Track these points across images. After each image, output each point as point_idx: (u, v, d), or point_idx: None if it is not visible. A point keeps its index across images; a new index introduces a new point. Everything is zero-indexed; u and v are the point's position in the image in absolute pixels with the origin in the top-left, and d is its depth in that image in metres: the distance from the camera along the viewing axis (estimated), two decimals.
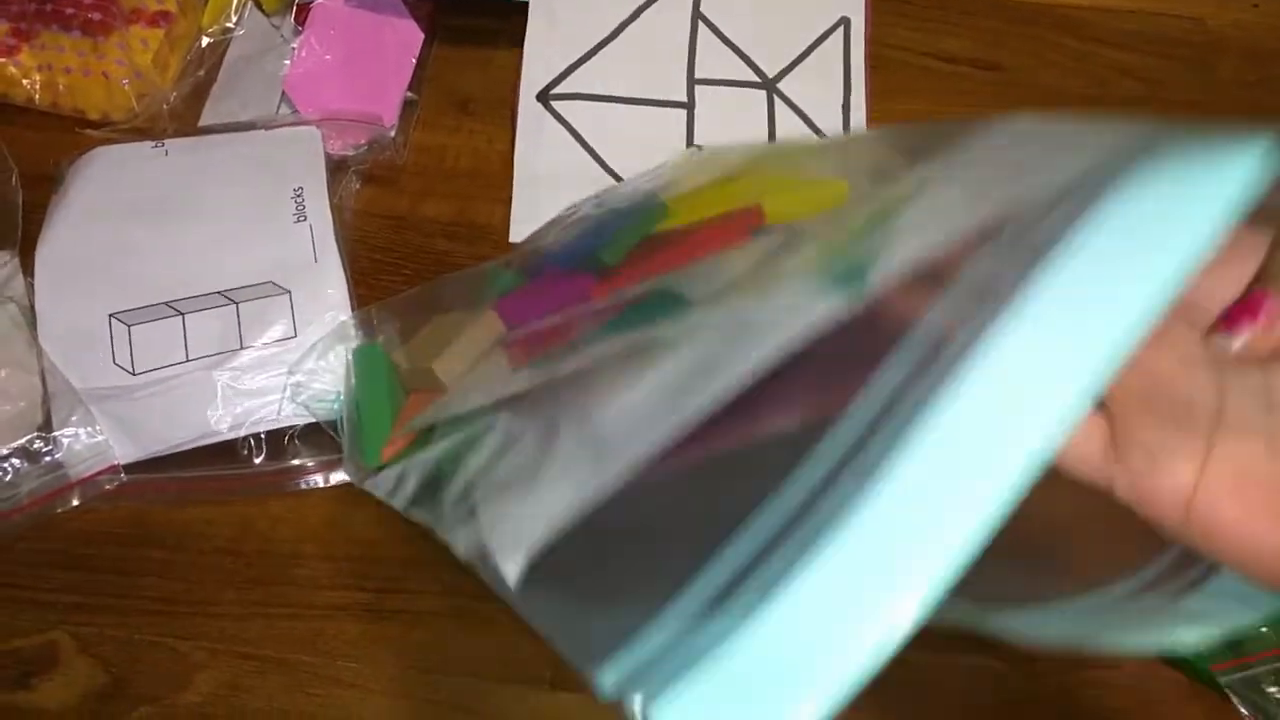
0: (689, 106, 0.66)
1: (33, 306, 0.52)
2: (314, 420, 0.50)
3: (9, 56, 0.61)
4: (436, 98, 0.66)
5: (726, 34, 0.68)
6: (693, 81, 0.66)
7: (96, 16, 0.61)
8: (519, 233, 0.61)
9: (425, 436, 0.44)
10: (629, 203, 0.57)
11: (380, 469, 0.46)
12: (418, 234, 0.60)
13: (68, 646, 0.46)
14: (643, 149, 0.64)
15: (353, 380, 0.49)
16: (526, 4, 0.66)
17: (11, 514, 0.48)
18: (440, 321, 0.51)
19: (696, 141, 0.65)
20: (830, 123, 0.66)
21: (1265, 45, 0.69)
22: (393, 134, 0.62)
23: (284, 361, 0.51)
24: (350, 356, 0.50)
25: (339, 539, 0.49)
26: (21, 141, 0.60)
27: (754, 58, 0.67)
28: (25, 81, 0.61)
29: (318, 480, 0.50)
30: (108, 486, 0.49)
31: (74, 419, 0.49)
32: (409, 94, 0.64)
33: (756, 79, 0.67)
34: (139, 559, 0.49)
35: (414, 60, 0.65)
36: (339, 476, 0.50)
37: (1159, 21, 0.71)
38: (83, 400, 0.49)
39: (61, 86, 0.62)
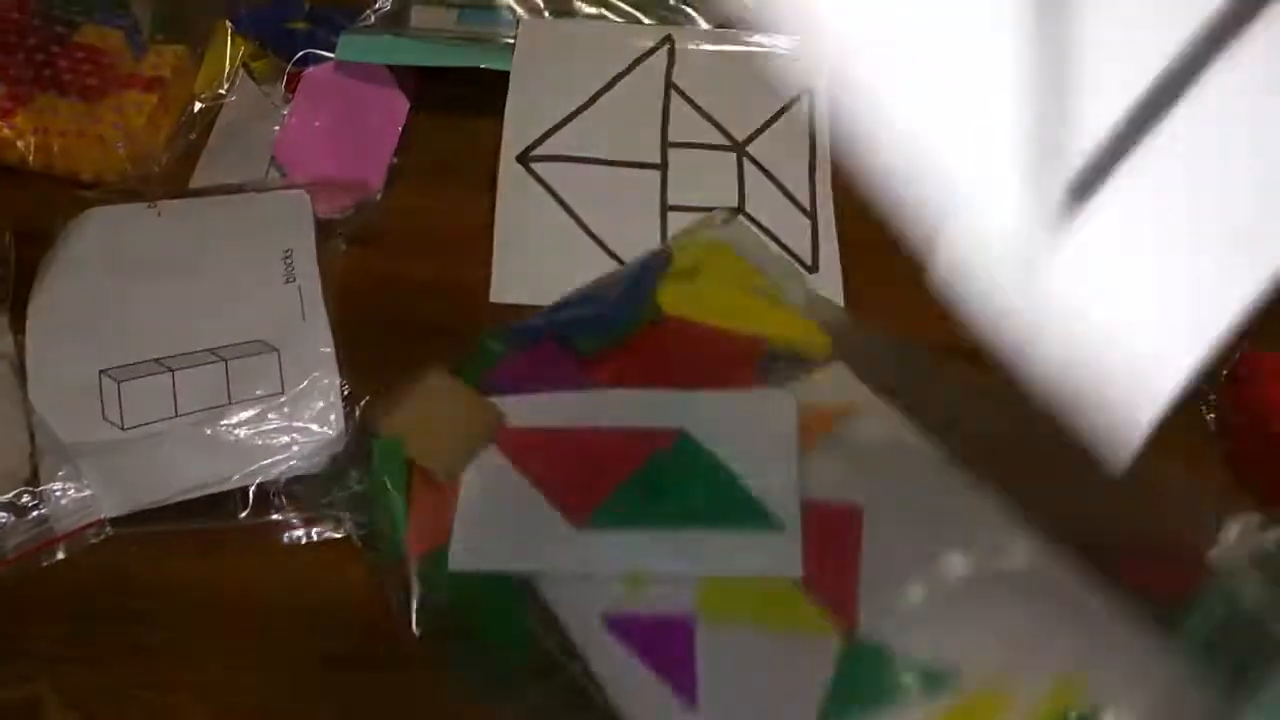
0: (662, 168, 0.67)
1: (23, 364, 0.52)
2: (299, 475, 0.50)
3: (4, 119, 0.62)
4: (420, 162, 0.67)
5: (697, 101, 0.69)
6: (666, 144, 0.68)
7: (93, 81, 0.62)
8: (500, 291, 0.61)
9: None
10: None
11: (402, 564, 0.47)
12: (403, 294, 0.60)
13: (50, 700, 0.45)
14: (619, 208, 0.65)
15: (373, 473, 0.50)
16: (508, 73, 0.68)
17: None
18: (423, 396, 0.51)
19: (671, 202, 0.66)
20: (798, 185, 0.67)
21: None
22: (378, 198, 0.63)
23: (270, 418, 0.51)
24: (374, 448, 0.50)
25: (327, 591, 0.49)
26: (14, 201, 0.60)
27: (723, 123, 0.69)
28: (19, 143, 0.62)
29: (301, 535, 0.50)
30: (93, 540, 0.49)
31: (61, 474, 0.49)
32: (394, 159, 0.65)
33: (727, 142, 0.68)
34: (125, 610, 0.48)
35: (399, 127, 0.66)
36: (322, 531, 0.50)
37: None
38: (70, 455, 0.49)
39: (56, 148, 0.62)
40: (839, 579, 0.48)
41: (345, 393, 0.53)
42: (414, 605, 0.47)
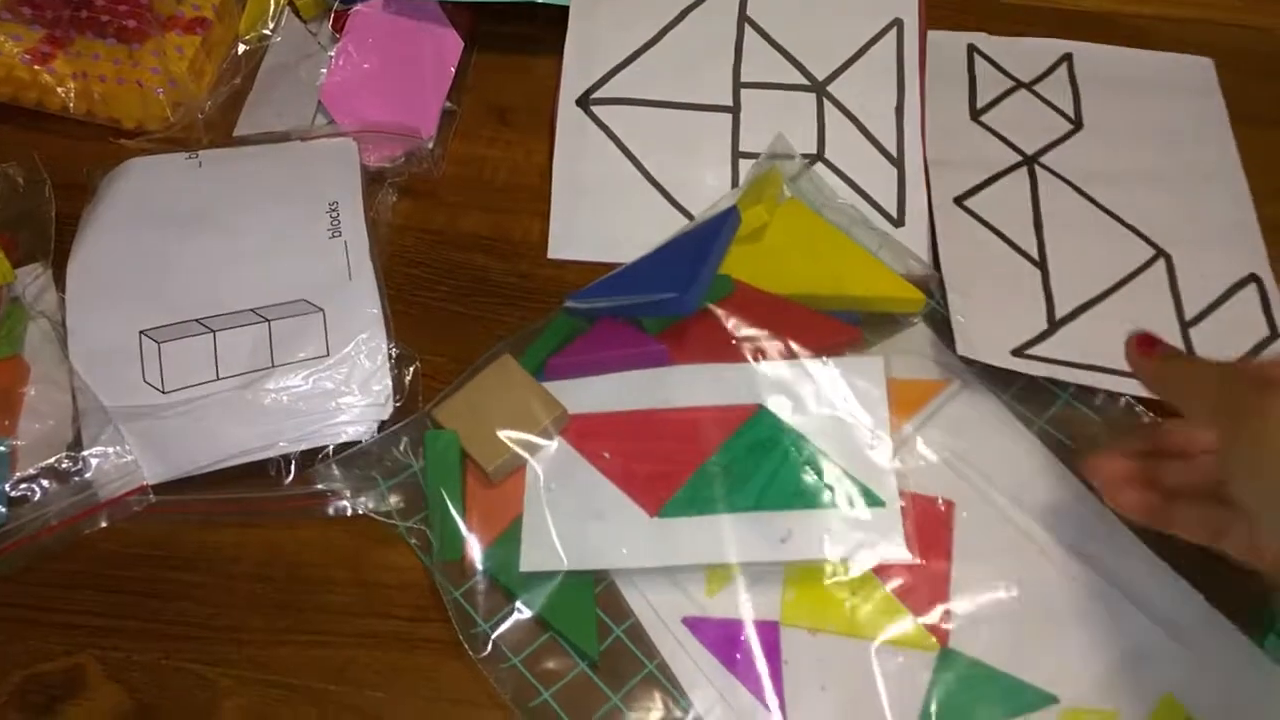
0: (734, 111, 0.64)
1: (64, 321, 0.52)
2: (346, 445, 0.49)
3: (43, 64, 0.62)
4: (475, 107, 0.65)
5: (774, 36, 0.66)
6: (739, 85, 0.65)
7: (131, 23, 0.61)
8: (558, 246, 0.60)
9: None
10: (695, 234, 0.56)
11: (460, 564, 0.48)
12: (455, 249, 0.59)
13: (95, 671, 0.46)
14: (686, 155, 0.63)
15: (427, 466, 0.50)
16: (567, 8, 0.66)
17: (40, 535, 0.48)
18: (483, 384, 0.51)
19: (742, 148, 0.63)
20: (884, 127, 0.64)
21: None
22: (430, 146, 0.62)
23: (315, 382, 0.50)
24: (425, 441, 0.50)
25: (368, 566, 0.49)
26: (55, 150, 0.61)
27: (803, 60, 0.65)
28: (60, 90, 0.62)
29: (347, 506, 0.49)
30: (136, 508, 0.49)
31: (103, 438, 0.49)
32: (447, 104, 0.64)
33: (805, 82, 0.65)
34: (167, 582, 0.48)
35: (452, 69, 0.64)
36: (368, 503, 0.49)
37: (1226, 32, 0.68)
38: (112, 419, 0.49)
39: (96, 95, 0.62)
40: (931, 581, 0.47)
41: (394, 356, 0.52)
42: (478, 610, 0.47)
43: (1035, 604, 0.47)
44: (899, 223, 0.61)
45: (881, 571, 0.47)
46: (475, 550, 0.48)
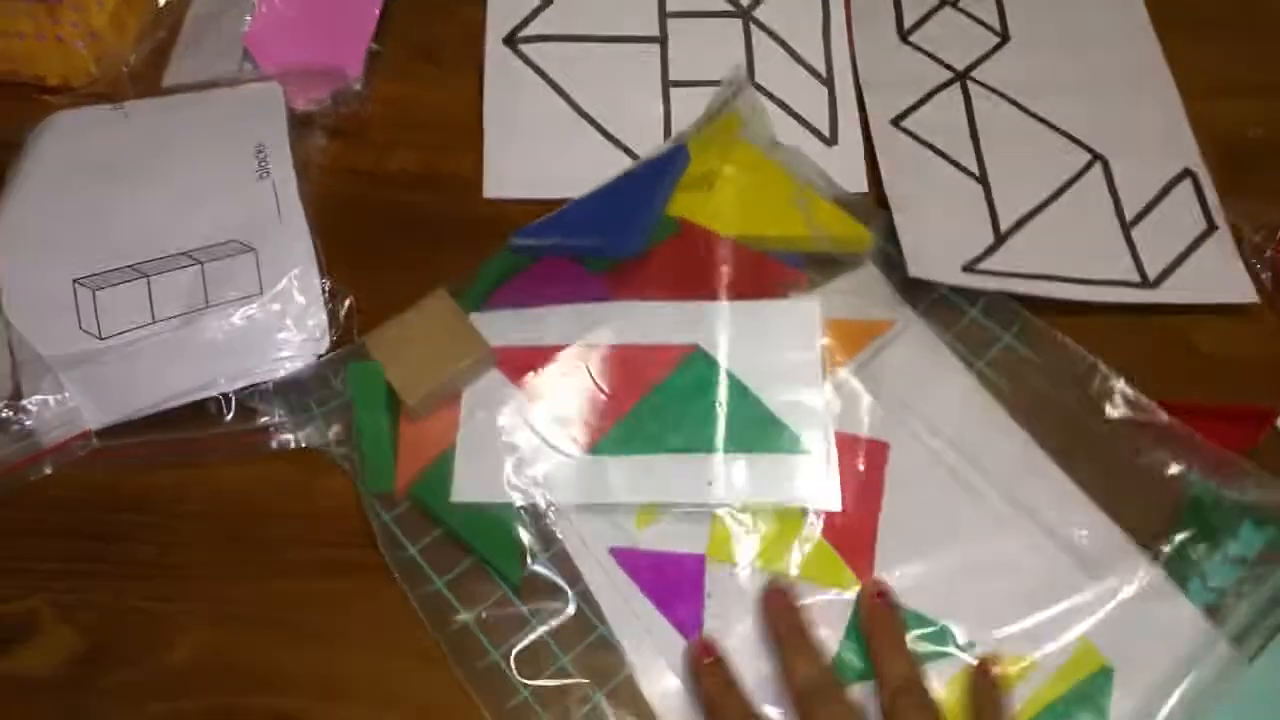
0: (662, 41, 0.66)
1: None
2: (283, 379, 0.51)
3: None
4: (401, 47, 0.66)
5: None
6: (665, 15, 0.66)
7: None
8: (494, 185, 0.61)
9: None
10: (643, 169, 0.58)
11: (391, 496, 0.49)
12: (387, 187, 0.60)
13: (47, 614, 0.47)
14: (617, 87, 0.64)
15: (353, 398, 0.51)
16: None
17: None
18: (412, 319, 0.52)
19: (673, 77, 0.65)
20: (811, 49, 0.65)
21: None
22: (357, 86, 0.63)
23: (250, 319, 0.51)
24: (348, 373, 0.51)
25: (315, 496, 0.50)
26: None
27: None
28: None
29: (290, 440, 0.51)
30: (80, 453, 0.50)
31: (43, 386, 0.50)
32: (373, 45, 0.65)
33: (731, 8, 0.67)
34: (115, 524, 0.50)
35: (376, 11, 0.65)
36: (310, 435, 0.51)
37: None
38: (51, 367, 0.50)
39: (18, 53, 0.62)
40: (858, 523, 0.49)
41: (328, 291, 0.53)
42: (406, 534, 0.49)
43: (963, 549, 0.48)
44: (832, 141, 0.63)
45: (809, 512, 0.48)
46: (404, 478, 0.49)
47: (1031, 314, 0.55)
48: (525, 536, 0.48)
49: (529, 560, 0.48)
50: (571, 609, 0.47)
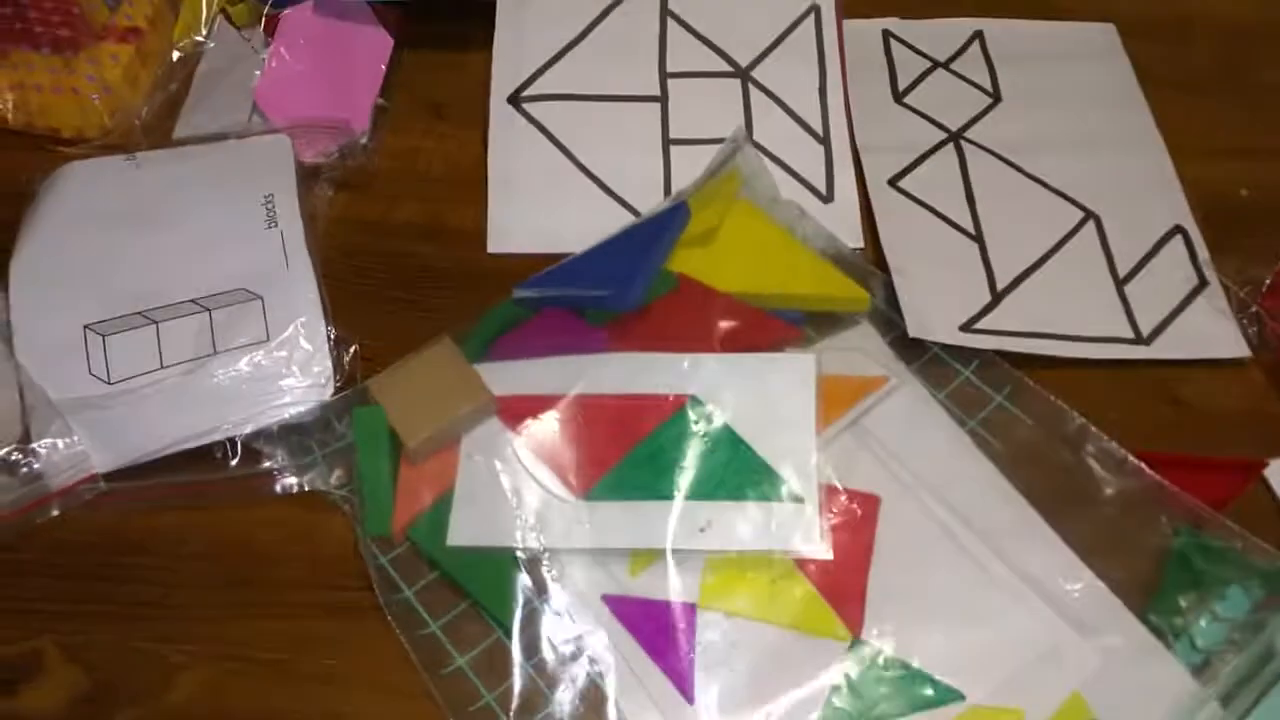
0: (663, 100, 0.68)
1: (9, 321, 0.55)
2: (287, 423, 0.53)
3: None
4: (408, 103, 0.69)
5: (696, 27, 0.71)
6: (665, 75, 0.69)
7: (65, 33, 0.65)
8: (497, 240, 0.63)
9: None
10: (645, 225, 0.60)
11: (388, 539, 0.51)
12: (392, 238, 0.63)
13: (52, 654, 0.49)
14: (618, 146, 0.67)
15: (356, 441, 0.53)
16: (494, 5, 0.70)
17: None
18: (416, 365, 0.54)
19: (673, 135, 0.67)
20: (808, 108, 0.68)
21: None
22: (364, 140, 0.65)
23: (256, 366, 0.53)
24: (353, 415, 0.53)
25: (318, 539, 0.52)
26: None
27: (725, 48, 0.70)
28: None
29: (293, 483, 0.53)
30: (87, 496, 0.52)
31: (52, 430, 0.52)
32: (380, 100, 0.67)
33: (729, 69, 0.70)
34: (120, 566, 0.51)
35: (383, 67, 0.68)
36: (313, 479, 0.52)
37: None
38: (60, 411, 0.52)
39: (34, 105, 0.65)
40: (849, 574, 0.50)
41: (333, 338, 0.55)
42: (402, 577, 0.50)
43: (952, 601, 0.50)
44: (828, 199, 0.66)
45: (801, 562, 0.50)
46: (402, 521, 0.51)
47: (1024, 370, 0.57)
48: (520, 581, 0.50)
49: (523, 605, 0.49)
50: (564, 654, 0.48)
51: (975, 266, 0.62)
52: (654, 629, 0.49)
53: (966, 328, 0.58)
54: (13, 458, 0.52)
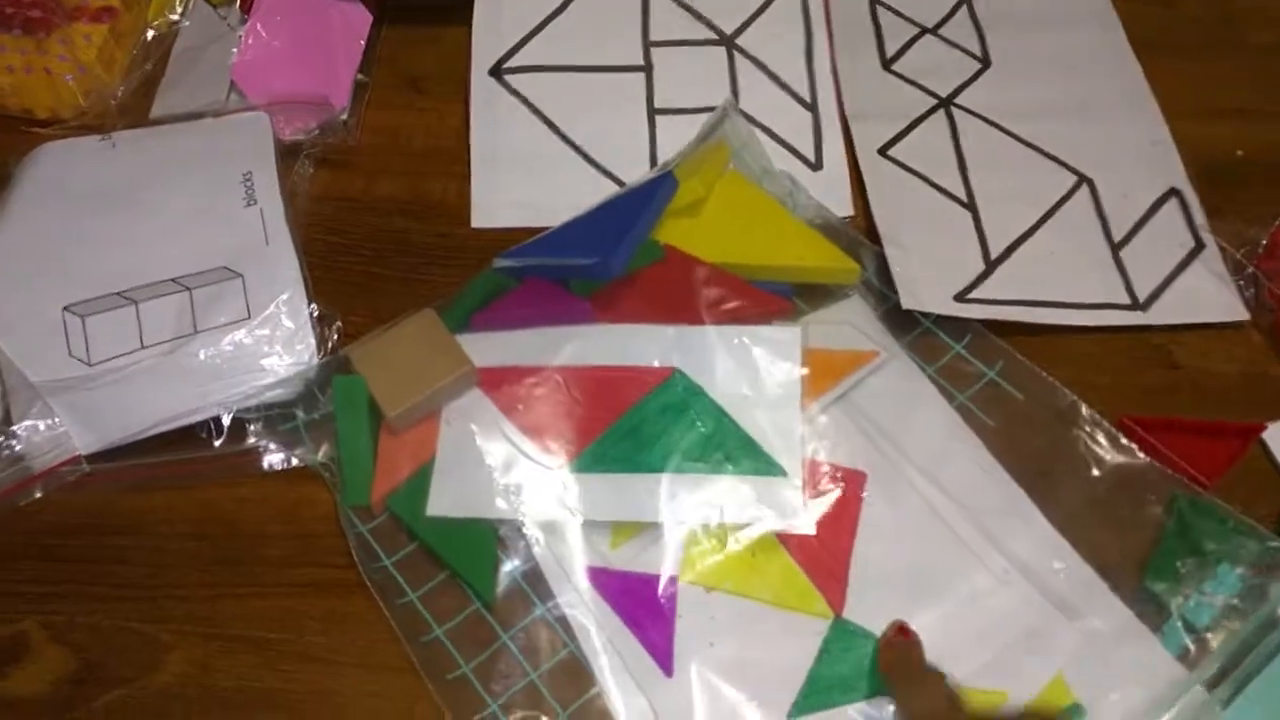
0: (647, 70, 0.69)
1: None
2: (272, 402, 0.53)
3: None
4: (387, 78, 0.70)
5: None
6: (649, 44, 0.70)
7: (36, 14, 0.66)
8: (481, 215, 0.64)
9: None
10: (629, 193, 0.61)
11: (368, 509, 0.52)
12: (374, 214, 0.64)
13: (38, 636, 0.50)
14: (602, 116, 0.67)
15: (335, 410, 0.54)
16: None
17: None
18: (397, 335, 0.54)
19: (658, 105, 0.68)
20: (795, 74, 0.69)
21: None
22: (344, 116, 0.66)
23: (239, 344, 0.54)
24: (333, 385, 0.54)
25: (304, 517, 0.53)
26: None
27: (709, 16, 0.71)
28: None
29: (279, 461, 0.53)
30: (70, 478, 0.53)
31: (33, 412, 0.53)
32: (359, 76, 0.68)
33: (714, 36, 0.70)
34: (105, 547, 0.52)
35: (362, 42, 0.69)
36: (299, 455, 0.53)
37: None
38: (40, 394, 0.53)
39: (6, 86, 0.66)
40: (832, 551, 0.51)
41: (315, 315, 0.56)
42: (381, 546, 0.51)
43: (935, 580, 0.50)
44: (817, 166, 0.66)
45: (784, 538, 0.51)
46: (381, 491, 0.52)
47: (1017, 336, 0.57)
48: (499, 552, 0.51)
49: (502, 576, 0.50)
50: (543, 626, 0.49)
51: (968, 235, 0.62)
52: (634, 602, 0.50)
53: (960, 297, 0.59)
54: None
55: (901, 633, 0.48)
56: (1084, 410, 0.54)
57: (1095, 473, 0.53)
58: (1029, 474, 0.53)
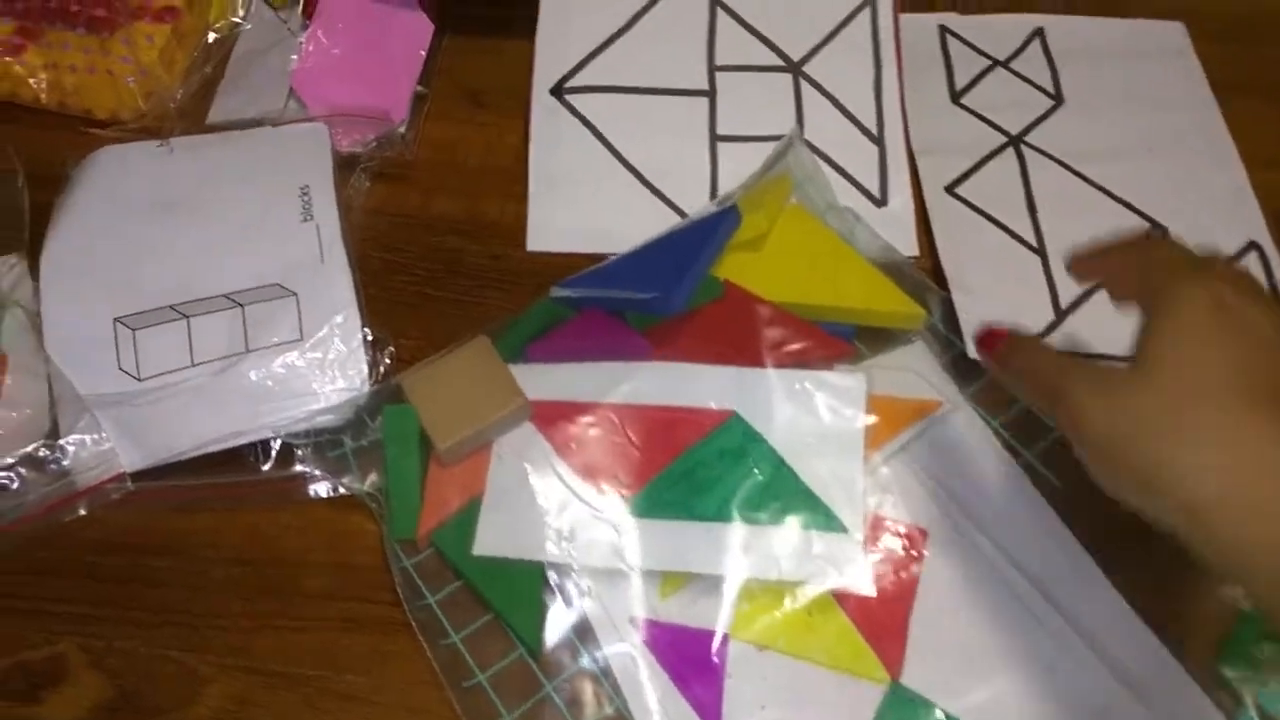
0: (710, 94, 0.67)
1: (39, 311, 0.55)
2: (320, 426, 0.52)
3: (15, 55, 0.64)
4: (447, 90, 0.68)
5: (746, 18, 0.69)
6: (713, 68, 0.68)
7: (101, 13, 0.64)
8: (537, 238, 0.62)
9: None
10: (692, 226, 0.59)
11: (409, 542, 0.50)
12: (429, 232, 0.62)
13: (76, 659, 0.49)
14: (664, 141, 0.65)
15: (385, 439, 0.52)
16: None
17: (19, 523, 0.51)
18: (450, 364, 0.53)
19: (720, 131, 0.66)
20: (862, 106, 0.67)
21: None
22: (402, 129, 0.64)
23: (290, 366, 0.53)
24: (383, 414, 0.53)
25: (349, 549, 0.51)
26: (28, 142, 0.63)
27: (777, 41, 0.68)
28: (32, 81, 0.64)
29: (326, 489, 0.52)
30: (114, 495, 0.52)
31: (80, 426, 0.52)
32: (419, 87, 0.66)
33: (781, 63, 0.68)
34: (147, 569, 0.51)
35: (423, 53, 0.67)
36: (347, 483, 0.52)
37: None
38: (88, 407, 0.52)
39: (68, 86, 0.64)
40: (891, 612, 0.48)
41: (369, 339, 0.54)
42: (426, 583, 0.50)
43: (997, 647, 0.48)
44: (882, 202, 0.64)
45: (841, 596, 0.48)
46: (428, 525, 0.50)
47: None
48: (546, 597, 0.49)
49: (548, 621, 0.48)
50: (589, 678, 0.47)
51: (1038, 281, 0.60)
52: (683, 656, 0.48)
53: None
54: (40, 454, 0.51)
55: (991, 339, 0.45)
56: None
57: (1171, 548, 0.50)
58: (1098, 542, 0.50)
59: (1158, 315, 0.39)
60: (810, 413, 0.52)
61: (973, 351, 0.55)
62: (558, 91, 0.67)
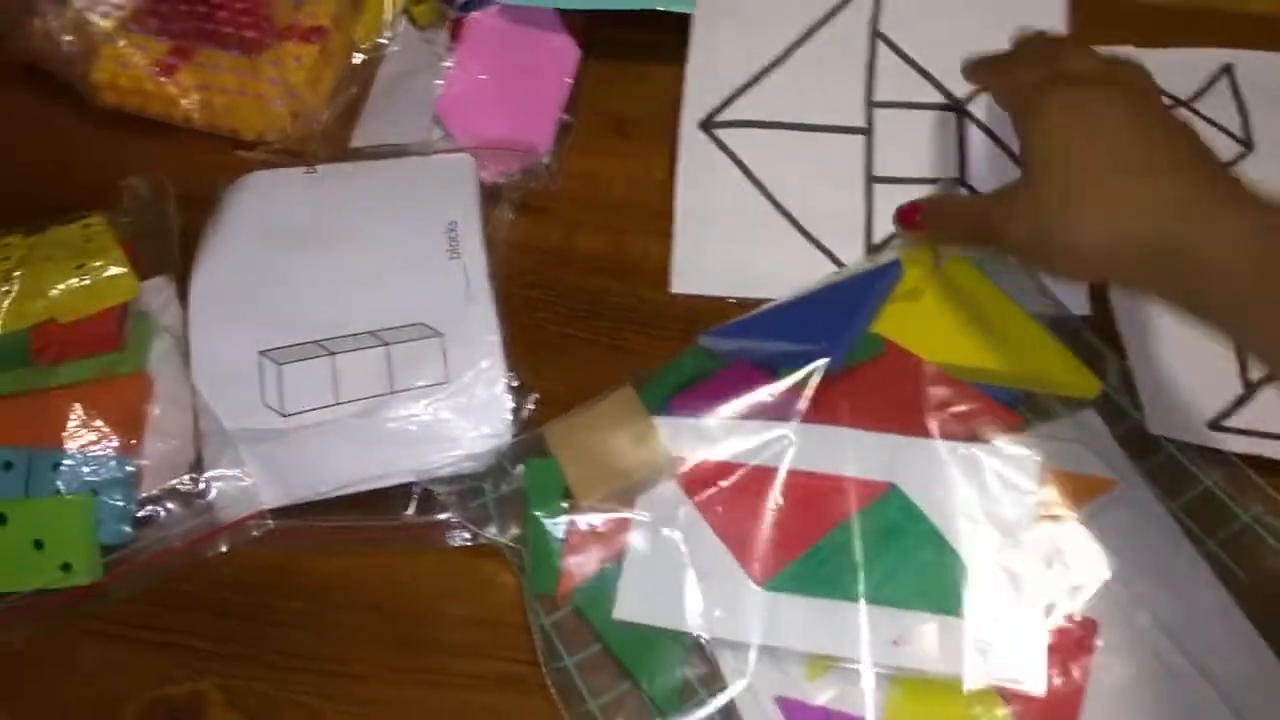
0: (867, 132, 0.63)
1: (186, 338, 0.54)
2: (463, 473, 0.51)
3: (169, 76, 0.64)
4: (591, 118, 0.65)
5: (909, 52, 0.65)
6: (871, 104, 0.64)
7: (252, 34, 0.64)
8: (682, 280, 0.59)
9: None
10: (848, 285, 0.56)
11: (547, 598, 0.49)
12: (570, 269, 0.60)
13: (215, 699, 0.48)
14: (816, 181, 0.62)
15: (527, 492, 0.51)
16: (688, 16, 0.65)
17: (162, 556, 0.50)
18: (595, 417, 0.51)
19: (876, 172, 0.62)
20: None
21: None
22: (546, 160, 0.62)
23: (434, 410, 0.51)
24: (527, 466, 0.51)
25: (486, 601, 0.50)
26: (177, 162, 0.63)
27: (940, 78, 0.64)
28: (184, 101, 0.64)
29: (467, 537, 0.50)
30: (255, 532, 0.51)
31: (224, 460, 0.51)
32: (564, 116, 0.64)
33: (944, 100, 0.64)
34: (285, 610, 0.50)
35: (569, 80, 0.65)
36: (489, 532, 0.50)
37: None
38: (234, 442, 0.51)
39: (219, 106, 0.64)
40: (1059, 712, 0.45)
41: (513, 385, 0.53)
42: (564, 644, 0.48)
43: None
44: None
45: (1004, 691, 0.45)
46: (568, 583, 0.48)
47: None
48: (687, 668, 0.47)
49: (689, 696, 0.46)
50: None
51: (1225, 350, 0.55)
52: None
53: (1215, 425, 0.52)
54: (185, 487, 0.51)
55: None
56: None
57: None
58: None
59: (1028, 133, 0.47)
60: (978, 488, 0.49)
61: (1155, 427, 0.51)
62: (707, 125, 0.64)
